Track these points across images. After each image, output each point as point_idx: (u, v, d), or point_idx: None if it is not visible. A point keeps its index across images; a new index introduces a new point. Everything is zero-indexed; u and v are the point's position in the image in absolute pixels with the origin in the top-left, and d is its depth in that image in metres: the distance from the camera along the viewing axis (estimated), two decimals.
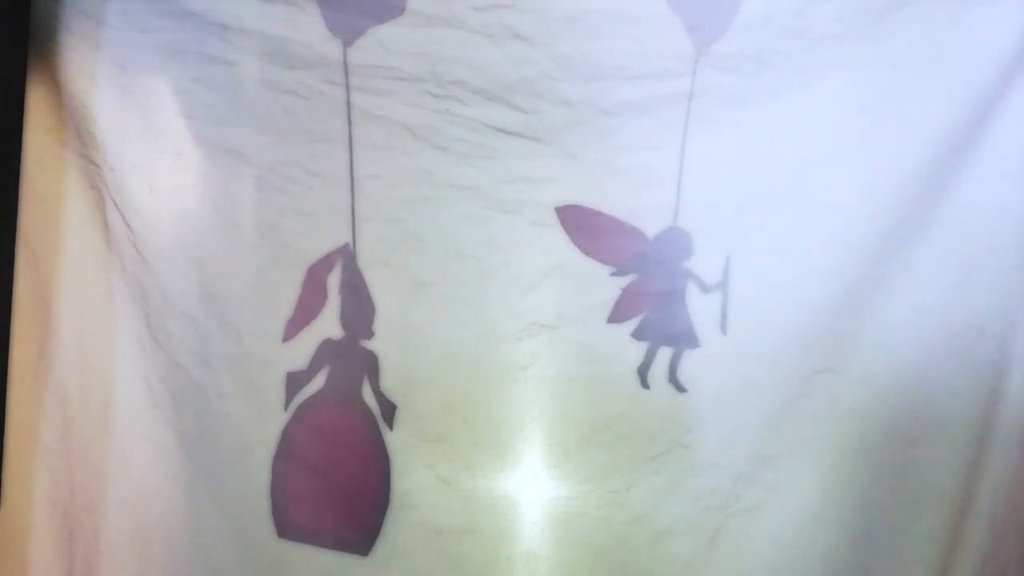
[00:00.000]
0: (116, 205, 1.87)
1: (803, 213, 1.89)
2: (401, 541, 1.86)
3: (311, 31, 1.86)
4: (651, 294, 1.89)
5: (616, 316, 1.89)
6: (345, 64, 1.84)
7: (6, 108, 1.81)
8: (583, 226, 1.88)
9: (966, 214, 1.88)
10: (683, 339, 1.88)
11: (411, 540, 1.86)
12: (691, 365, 1.88)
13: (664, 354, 1.88)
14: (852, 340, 1.89)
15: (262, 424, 1.86)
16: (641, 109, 1.89)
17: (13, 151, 1.83)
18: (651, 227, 1.89)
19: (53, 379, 1.87)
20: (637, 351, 1.88)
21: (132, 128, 1.88)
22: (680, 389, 1.88)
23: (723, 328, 1.88)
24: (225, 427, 1.86)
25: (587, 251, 1.88)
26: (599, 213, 1.88)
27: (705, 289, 1.88)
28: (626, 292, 1.89)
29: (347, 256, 1.86)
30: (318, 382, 1.86)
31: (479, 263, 1.89)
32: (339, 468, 1.86)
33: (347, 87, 1.85)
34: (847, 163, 1.88)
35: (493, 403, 1.88)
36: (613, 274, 1.88)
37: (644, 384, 1.87)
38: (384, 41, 1.86)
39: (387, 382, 1.87)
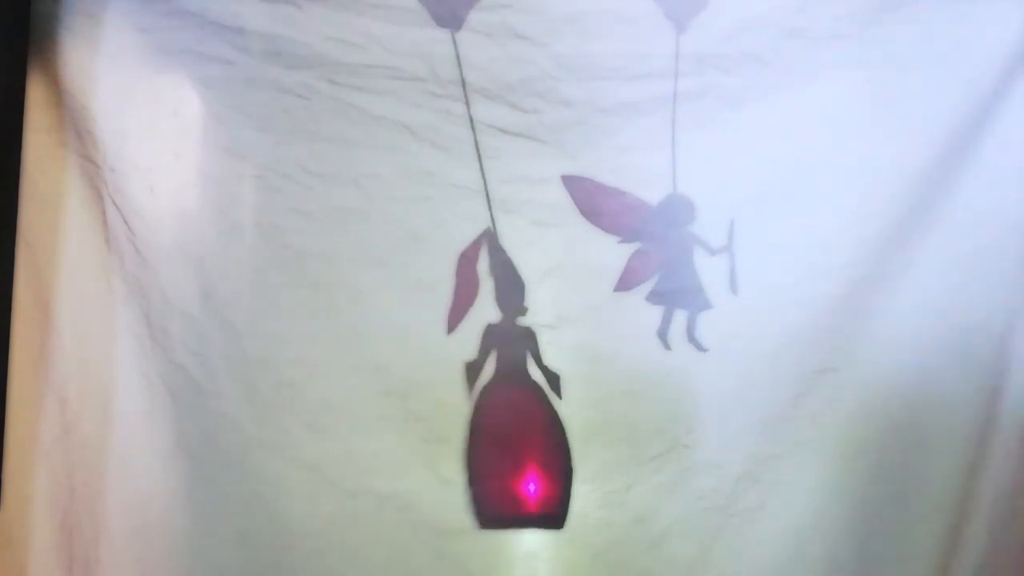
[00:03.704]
0: (116, 205, 1.87)
1: (803, 213, 1.89)
2: (401, 541, 1.86)
3: (311, 31, 1.86)
4: (659, 259, 1.90)
5: (624, 284, 1.89)
6: (459, 58, 1.84)
7: (6, 108, 1.81)
8: (589, 195, 1.89)
9: (967, 214, 1.88)
10: (696, 301, 1.89)
11: (411, 540, 1.86)
12: (706, 327, 1.89)
13: (680, 316, 1.89)
14: (852, 340, 1.89)
15: (262, 424, 1.86)
16: (641, 109, 1.89)
17: (13, 151, 1.83)
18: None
19: (53, 379, 1.87)
20: (650, 318, 1.89)
21: (132, 128, 1.87)
22: (700, 348, 1.88)
23: (733, 289, 1.89)
24: (225, 427, 1.86)
25: (593, 219, 1.89)
26: (602, 184, 1.89)
27: (711, 252, 1.89)
28: (633, 259, 1.90)
29: (491, 239, 1.88)
30: (490, 367, 1.88)
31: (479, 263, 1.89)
32: (527, 448, 1.88)
33: (465, 100, 1.87)
34: (848, 163, 1.88)
35: None
36: (620, 242, 1.89)
37: (666, 346, 1.88)
38: (384, 41, 1.86)
39: (387, 382, 1.87)
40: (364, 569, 1.86)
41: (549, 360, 1.89)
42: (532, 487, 1.87)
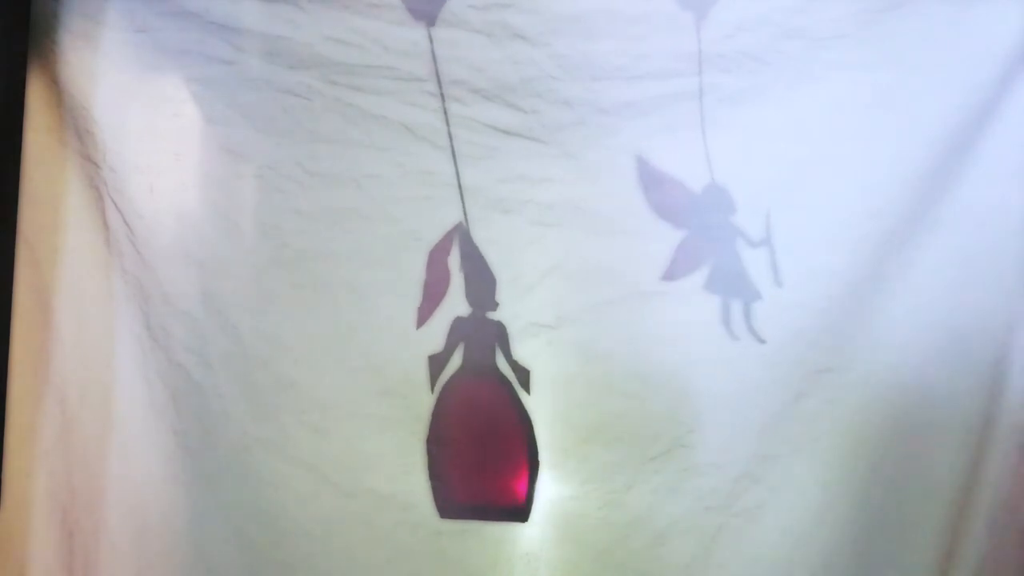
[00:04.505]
0: (116, 205, 1.87)
1: (803, 213, 1.89)
2: (401, 541, 1.86)
3: (311, 31, 1.86)
4: (706, 248, 1.90)
5: (672, 272, 1.89)
6: (433, 51, 1.84)
7: (6, 108, 1.81)
8: (652, 179, 1.88)
9: (966, 214, 1.88)
10: (747, 292, 1.89)
11: (411, 540, 1.86)
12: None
13: (736, 306, 1.88)
14: (852, 340, 1.89)
15: (262, 424, 1.86)
16: (641, 109, 1.89)
17: (13, 151, 1.83)
18: None
19: (53, 379, 1.87)
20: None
21: (132, 128, 1.88)
22: (760, 340, 1.88)
23: (777, 281, 1.88)
24: (225, 427, 1.86)
25: (653, 203, 1.88)
26: (655, 167, 1.89)
27: (752, 244, 1.89)
28: (681, 248, 1.89)
29: (462, 233, 1.89)
30: (456, 360, 1.88)
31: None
32: (490, 439, 1.89)
33: (441, 97, 1.87)
34: (848, 163, 1.89)
35: None
36: (673, 228, 1.89)
37: (732, 335, 1.88)
38: (383, 41, 1.87)
39: (387, 383, 1.87)
40: (364, 569, 1.86)
41: (549, 360, 1.88)
42: (494, 478, 1.88)
